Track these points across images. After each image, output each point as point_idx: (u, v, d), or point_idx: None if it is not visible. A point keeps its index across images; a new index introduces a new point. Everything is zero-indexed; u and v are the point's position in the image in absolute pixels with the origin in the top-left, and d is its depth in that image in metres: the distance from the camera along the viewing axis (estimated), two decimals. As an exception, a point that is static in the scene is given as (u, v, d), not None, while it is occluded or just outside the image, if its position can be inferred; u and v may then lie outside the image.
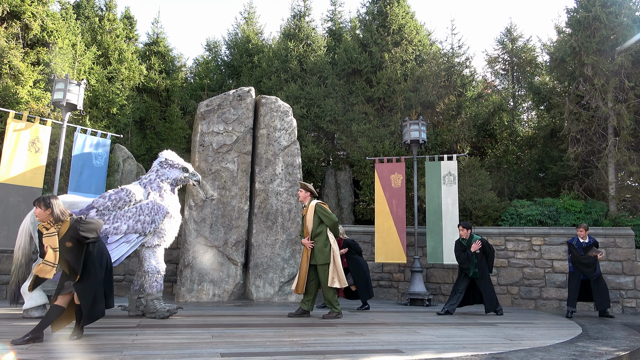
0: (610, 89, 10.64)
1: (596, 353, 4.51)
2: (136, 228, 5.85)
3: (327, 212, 6.64)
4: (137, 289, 6.30)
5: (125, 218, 5.82)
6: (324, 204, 6.78)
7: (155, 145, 12.84)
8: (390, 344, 4.61)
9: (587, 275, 7.94)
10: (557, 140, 12.35)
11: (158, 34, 15.20)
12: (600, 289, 7.95)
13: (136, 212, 5.90)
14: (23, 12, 9.89)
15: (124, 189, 5.98)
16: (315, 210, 6.63)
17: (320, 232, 6.58)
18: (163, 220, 6.10)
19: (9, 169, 7.76)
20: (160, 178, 6.31)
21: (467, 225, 7.77)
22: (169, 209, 6.21)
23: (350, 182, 12.80)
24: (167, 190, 6.32)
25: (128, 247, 5.78)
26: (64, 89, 8.27)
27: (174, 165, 6.47)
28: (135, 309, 6.27)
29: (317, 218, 6.62)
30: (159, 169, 6.39)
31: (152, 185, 6.22)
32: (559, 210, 10.47)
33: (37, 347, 3.99)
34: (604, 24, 10.68)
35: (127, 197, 5.91)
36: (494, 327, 6.14)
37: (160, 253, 6.19)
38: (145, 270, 6.02)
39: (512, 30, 16.13)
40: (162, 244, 6.20)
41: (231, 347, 4.22)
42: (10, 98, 9.32)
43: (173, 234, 6.34)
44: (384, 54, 13.34)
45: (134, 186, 6.12)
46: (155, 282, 5.99)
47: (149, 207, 5.99)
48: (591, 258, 7.90)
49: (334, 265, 6.50)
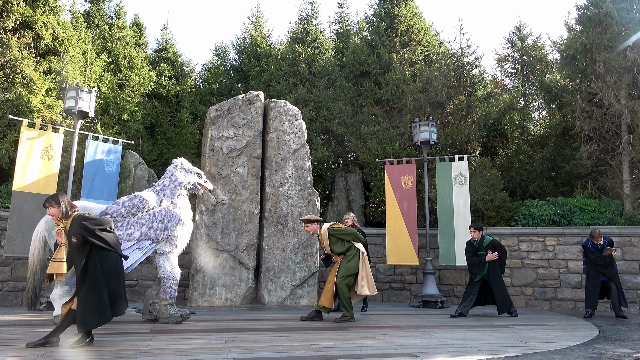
0: (623, 85, 10.49)
1: (614, 355, 4.43)
2: (149, 235, 5.89)
3: (341, 230, 6.67)
4: (155, 293, 6.34)
5: (139, 225, 5.85)
6: (335, 224, 6.80)
7: (166, 150, 12.92)
8: (404, 348, 4.57)
9: (607, 276, 7.82)
10: (570, 138, 12.20)
11: (167, 40, 15.33)
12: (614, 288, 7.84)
13: (149, 219, 5.94)
14: (35, 21, 10.03)
15: (137, 196, 6.02)
16: (329, 234, 6.67)
17: (349, 248, 6.63)
18: (176, 227, 6.13)
19: (23, 177, 7.86)
20: (173, 184, 6.35)
21: (479, 227, 7.70)
22: (182, 216, 6.25)
23: (360, 185, 12.77)
24: (180, 196, 6.36)
25: (141, 253, 5.83)
26: (76, 97, 8.37)
27: (188, 171, 6.52)
28: (148, 313, 6.31)
29: (334, 240, 6.66)
30: (174, 172, 6.43)
31: (165, 192, 6.27)
32: (573, 209, 10.34)
33: (52, 353, 4.02)
34: (615, 20, 10.54)
35: (140, 204, 5.95)
36: (509, 330, 6.07)
37: (174, 259, 6.22)
38: (160, 277, 6.07)
39: (521, 29, 16.00)
40: (174, 251, 6.23)
41: (244, 352, 4.22)
42: (24, 107, 9.45)
43: (185, 241, 6.37)
44: (393, 55, 13.30)
45: (147, 193, 6.15)
46: (169, 288, 6.03)
47: (162, 214, 6.03)
48: (607, 258, 7.79)
49: (364, 273, 6.52)
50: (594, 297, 7.87)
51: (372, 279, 6.60)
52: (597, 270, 7.87)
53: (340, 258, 6.65)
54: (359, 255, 6.57)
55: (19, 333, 5.19)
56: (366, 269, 6.54)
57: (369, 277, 6.53)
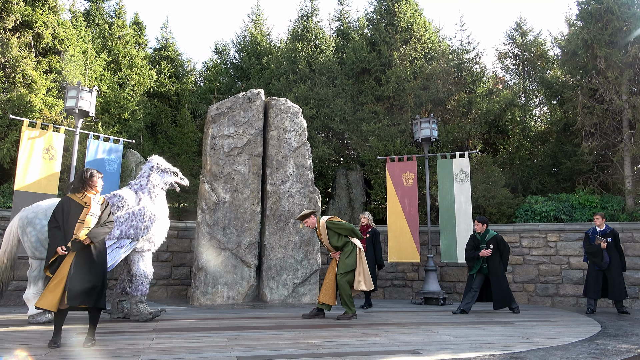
0: (624, 81, 10.47)
1: (617, 351, 4.43)
2: (129, 233, 5.93)
3: (339, 224, 6.69)
4: (119, 291, 6.35)
5: (118, 223, 5.89)
6: (333, 217, 6.84)
7: (167, 149, 12.93)
8: (407, 345, 4.58)
9: (597, 264, 7.88)
10: (571, 134, 12.18)
11: (167, 39, 15.31)
12: (612, 279, 7.81)
13: (129, 217, 5.98)
14: (34, 21, 10.02)
15: (116, 195, 6.07)
16: (327, 227, 6.68)
17: (346, 243, 6.65)
18: (153, 225, 6.18)
19: (24, 176, 7.86)
20: (151, 183, 6.39)
21: (483, 220, 7.76)
22: (159, 214, 6.30)
23: (361, 182, 12.76)
24: (158, 195, 6.41)
25: (121, 252, 5.87)
26: (76, 96, 8.37)
27: (164, 170, 6.58)
28: (116, 311, 6.33)
29: (332, 234, 6.68)
30: (150, 174, 6.47)
31: (143, 191, 6.30)
32: (574, 205, 10.32)
33: (55, 353, 4.03)
34: (616, 16, 10.51)
35: (119, 203, 5.99)
36: (511, 326, 6.07)
37: (148, 257, 6.28)
38: (133, 274, 6.09)
39: (522, 25, 15.95)
40: (151, 248, 6.29)
41: (247, 350, 4.23)
42: (24, 107, 9.45)
43: (162, 239, 6.45)
44: (393, 52, 13.28)
45: (125, 191, 6.19)
46: (141, 286, 6.07)
47: (141, 212, 6.07)
48: (595, 247, 7.86)
49: (361, 268, 6.55)
50: (592, 287, 7.88)
51: (369, 274, 6.64)
52: (590, 260, 8.01)
53: (338, 254, 6.66)
54: (357, 251, 6.60)
55: (22, 333, 5.20)
56: (363, 264, 6.58)
57: (365, 272, 6.56)
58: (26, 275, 6.27)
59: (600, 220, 8.08)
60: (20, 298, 8.15)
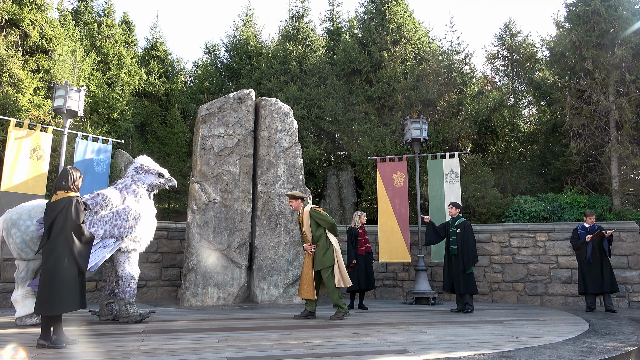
0: (611, 82, 10.61)
1: (604, 349, 4.49)
2: (113, 233, 5.87)
3: (322, 215, 6.66)
4: (108, 293, 6.30)
5: (102, 223, 5.83)
6: (317, 207, 6.81)
7: (156, 149, 12.85)
8: (397, 345, 4.59)
9: (580, 258, 8.21)
10: (559, 135, 12.31)
11: (157, 39, 15.22)
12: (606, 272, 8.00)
13: (113, 217, 5.92)
14: (22, 19, 9.90)
15: (100, 194, 5.99)
16: (310, 215, 6.66)
17: (320, 236, 6.61)
18: (138, 225, 6.12)
19: (11, 177, 7.76)
20: (136, 184, 6.34)
21: (457, 205, 7.99)
22: (145, 213, 6.24)
23: (352, 182, 12.79)
24: (143, 195, 6.35)
25: (105, 251, 5.79)
26: (64, 96, 8.27)
27: (149, 171, 6.51)
28: (105, 313, 6.27)
29: (313, 222, 6.64)
30: (135, 174, 6.42)
31: (128, 190, 6.24)
32: (563, 205, 10.44)
33: (43, 355, 3.98)
34: (603, 18, 10.64)
35: (103, 202, 5.92)
36: (501, 325, 6.12)
37: (134, 258, 6.20)
38: (119, 275, 6.03)
39: (511, 26, 16.10)
40: (137, 249, 6.23)
41: (237, 351, 4.21)
42: (11, 106, 9.33)
43: (148, 239, 6.39)
44: (383, 53, 13.32)
45: (110, 191, 6.13)
46: (128, 287, 6.01)
47: (125, 212, 6.01)
48: (577, 241, 8.18)
49: (338, 266, 6.53)
50: (583, 281, 8.10)
51: (346, 271, 6.63)
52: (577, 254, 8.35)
53: (312, 248, 6.59)
54: (332, 249, 6.56)
55: (10, 336, 5.13)
56: (339, 262, 6.56)
57: (342, 270, 6.54)
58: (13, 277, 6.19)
59: (592, 219, 8.31)
60: (7, 300, 8.04)
